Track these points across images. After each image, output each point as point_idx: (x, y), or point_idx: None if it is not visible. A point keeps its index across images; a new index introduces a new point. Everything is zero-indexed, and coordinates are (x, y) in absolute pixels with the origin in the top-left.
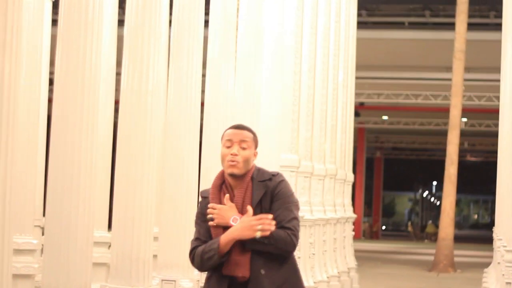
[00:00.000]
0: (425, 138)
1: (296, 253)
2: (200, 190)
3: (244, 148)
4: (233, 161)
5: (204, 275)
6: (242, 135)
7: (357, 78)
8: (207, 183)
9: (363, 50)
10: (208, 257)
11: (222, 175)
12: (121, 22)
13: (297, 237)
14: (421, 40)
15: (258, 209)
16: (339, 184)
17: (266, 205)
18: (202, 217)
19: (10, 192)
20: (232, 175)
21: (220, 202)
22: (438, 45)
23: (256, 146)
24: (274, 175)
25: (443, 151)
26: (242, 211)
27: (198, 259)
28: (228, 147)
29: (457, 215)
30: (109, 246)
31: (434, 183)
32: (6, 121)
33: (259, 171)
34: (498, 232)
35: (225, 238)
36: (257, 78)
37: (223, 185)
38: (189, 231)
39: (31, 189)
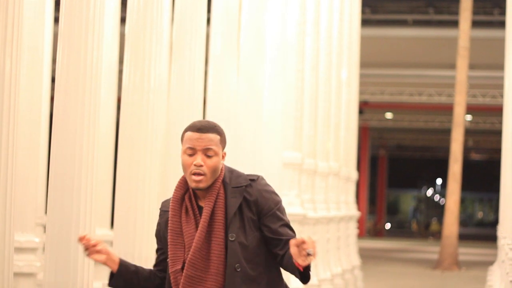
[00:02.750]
0: (429, 136)
1: None
2: (162, 200)
3: (210, 157)
4: (198, 174)
5: None
6: (207, 140)
7: (360, 76)
8: None
9: (366, 48)
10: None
11: (184, 184)
12: (123, 20)
13: None
14: (425, 37)
15: (240, 222)
16: (342, 182)
17: (251, 214)
18: (158, 238)
19: (12, 190)
20: (197, 190)
21: (180, 220)
22: (442, 43)
23: (224, 146)
24: (254, 180)
25: (447, 149)
26: (212, 225)
27: None
28: (190, 155)
29: (461, 213)
30: (111, 244)
31: (439, 181)
32: (7, 119)
33: (232, 173)
34: (502, 230)
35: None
36: (260, 75)
37: (185, 195)
38: None
39: (33, 187)
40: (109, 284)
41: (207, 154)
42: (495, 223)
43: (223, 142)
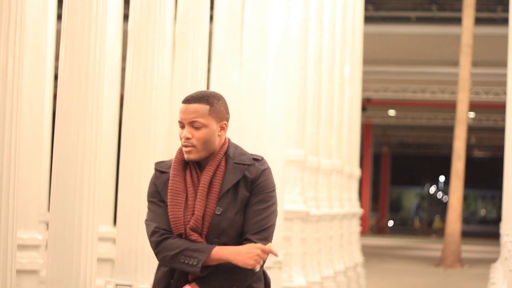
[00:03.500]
0: (432, 133)
1: (303, 249)
2: (157, 162)
3: (197, 128)
4: (186, 146)
5: None
6: (192, 112)
7: (363, 73)
8: None
9: (369, 45)
10: (186, 262)
11: None
12: (126, 17)
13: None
14: (428, 34)
15: (231, 196)
16: (345, 179)
17: (243, 194)
18: (158, 197)
19: (14, 187)
20: (189, 161)
21: (185, 180)
22: (445, 40)
23: (222, 118)
24: (258, 160)
25: (450, 146)
26: (208, 195)
27: (169, 255)
28: (182, 127)
29: (464, 210)
30: (114, 241)
31: (442, 178)
32: (10, 116)
33: (236, 149)
34: (505, 227)
35: (219, 255)
36: (262, 72)
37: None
38: None
39: (36, 184)
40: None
41: (194, 126)
42: (498, 220)
43: (215, 112)
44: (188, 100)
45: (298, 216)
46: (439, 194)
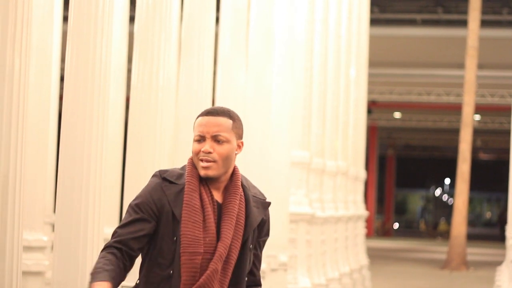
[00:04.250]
0: (438, 136)
1: (308, 251)
2: (160, 169)
3: (220, 142)
4: (206, 161)
5: None
6: (216, 125)
7: (369, 75)
8: None
9: (375, 47)
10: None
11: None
12: (132, 18)
13: None
14: (434, 37)
15: (253, 234)
16: (351, 181)
17: (256, 234)
18: (150, 211)
19: (20, 189)
20: (206, 178)
21: (201, 198)
22: (451, 42)
23: (241, 135)
24: (266, 201)
25: (456, 148)
26: (235, 225)
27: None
28: (199, 141)
29: (469, 213)
30: None
31: (447, 181)
32: (16, 118)
33: (247, 181)
34: (511, 230)
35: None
36: (268, 74)
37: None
38: None
39: (42, 186)
40: None
41: (217, 140)
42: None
43: (237, 128)
44: (210, 113)
45: (303, 218)
46: (445, 197)
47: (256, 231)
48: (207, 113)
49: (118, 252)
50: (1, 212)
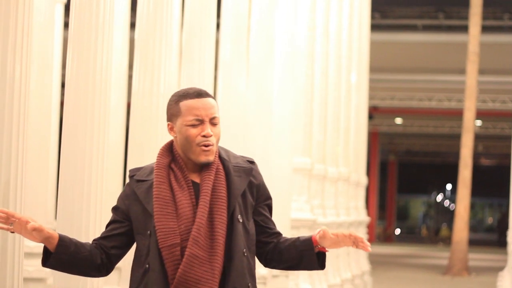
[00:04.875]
0: (439, 141)
1: None
2: (131, 169)
3: (215, 124)
4: (208, 145)
5: None
6: (211, 107)
7: (370, 80)
8: None
9: (376, 53)
10: None
11: (168, 152)
12: (132, 25)
13: None
14: (435, 42)
15: (243, 202)
16: (352, 187)
17: (252, 199)
18: (120, 215)
19: (22, 195)
20: (205, 165)
21: (171, 188)
22: (452, 48)
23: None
24: (253, 162)
25: (457, 154)
26: (213, 201)
27: None
28: (196, 125)
29: (471, 218)
30: None
31: (449, 186)
32: (17, 124)
33: (227, 151)
34: None
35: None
36: (269, 80)
37: (171, 164)
38: None
39: (43, 192)
40: (44, 264)
41: (213, 122)
42: (505, 228)
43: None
44: (200, 94)
45: (305, 224)
46: (446, 202)
47: (250, 199)
48: (197, 95)
49: (95, 245)
50: None
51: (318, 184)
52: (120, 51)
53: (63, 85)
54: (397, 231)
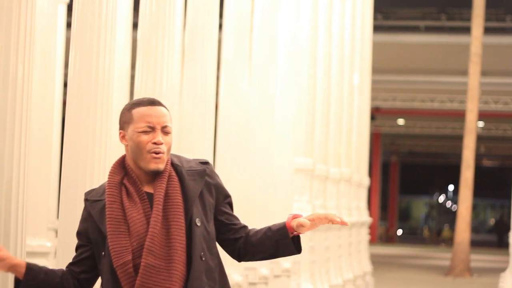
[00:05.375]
0: (441, 142)
1: (311, 257)
2: (86, 192)
3: (167, 133)
4: (158, 153)
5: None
6: (163, 115)
7: (372, 81)
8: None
9: (378, 54)
10: None
11: (121, 168)
12: (135, 25)
13: None
14: (437, 44)
15: (201, 204)
16: (354, 188)
17: (211, 199)
18: (84, 239)
19: (24, 194)
20: (155, 172)
21: (122, 206)
22: (454, 49)
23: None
24: (207, 163)
25: (459, 155)
26: (167, 209)
27: None
28: (147, 132)
29: (473, 219)
30: None
31: (451, 187)
32: (19, 124)
33: (179, 157)
34: None
35: None
36: (271, 80)
37: (123, 180)
38: None
39: (45, 191)
40: None
41: (165, 131)
42: (507, 229)
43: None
44: (153, 102)
45: None
46: (448, 203)
47: (210, 200)
48: (150, 103)
49: (67, 271)
50: (5, 218)
51: (320, 185)
52: (123, 50)
53: (65, 85)
54: (399, 232)
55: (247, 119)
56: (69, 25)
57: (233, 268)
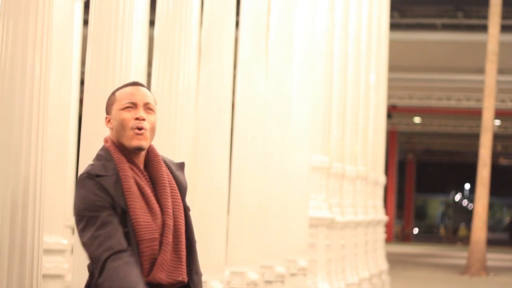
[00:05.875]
0: (458, 141)
1: (328, 255)
2: (81, 172)
3: (150, 110)
4: (141, 128)
5: (238, 278)
6: (146, 94)
7: (389, 80)
8: (238, 184)
9: (395, 52)
10: None
11: (116, 147)
12: (152, 23)
13: None
14: (454, 42)
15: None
16: (370, 186)
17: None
18: (108, 209)
19: (41, 192)
20: (138, 149)
21: (136, 180)
22: (471, 47)
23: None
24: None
25: (476, 153)
26: (174, 199)
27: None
28: (130, 109)
29: (489, 218)
30: None
31: (467, 186)
32: (37, 121)
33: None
34: None
35: None
36: (288, 79)
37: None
38: (220, 233)
39: (62, 189)
40: None
41: (148, 108)
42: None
43: (156, 103)
44: (136, 83)
45: (323, 222)
46: (465, 202)
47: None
48: (133, 84)
49: (131, 254)
50: (22, 215)
51: (336, 183)
52: (140, 48)
53: (82, 83)
54: (415, 231)
55: (263, 118)
56: (85, 22)
57: (249, 266)
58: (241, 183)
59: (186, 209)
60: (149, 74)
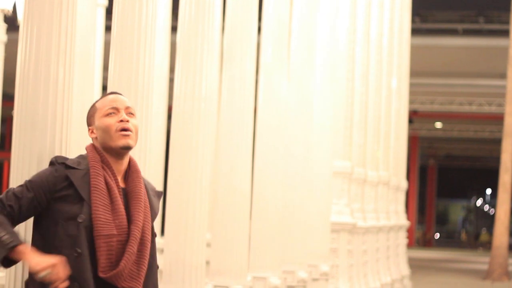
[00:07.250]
0: (479, 146)
1: (349, 260)
2: (57, 156)
3: (131, 116)
4: (127, 129)
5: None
6: (126, 101)
7: (410, 85)
8: (260, 189)
9: (416, 57)
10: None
11: (96, 151)
12: (174, 28)
13: None
14: (475, 47)
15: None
16: (392, 191)
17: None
18: (37, 193)
19: None
20: (125, 149)
21: (106, 180)
22: (493, 52)
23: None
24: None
25: (498, 159)
26: (146, 215)
27: None
28: (112, 114)
29: (511, 223)
30: (162, 251)
31: (488, 191)
32: (60, 127)
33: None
34: None
35: (25, 253)
36: (310, 84)
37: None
38: (242, 238)
39: None
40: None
41: (129, 112)
42: None
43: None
44: (115, 93)
45: (345, 228)
46: (486, 207)
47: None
48: (112, 93)
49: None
50: None
51: (358, 188)
52: (162, 54)
53: (104, 88)
54: (437, 236)
55: (285, 123)
56: (107, 28)
57: (271, 271)
58: (263, 188)
59: (153, 234)
60: (171, 80)
